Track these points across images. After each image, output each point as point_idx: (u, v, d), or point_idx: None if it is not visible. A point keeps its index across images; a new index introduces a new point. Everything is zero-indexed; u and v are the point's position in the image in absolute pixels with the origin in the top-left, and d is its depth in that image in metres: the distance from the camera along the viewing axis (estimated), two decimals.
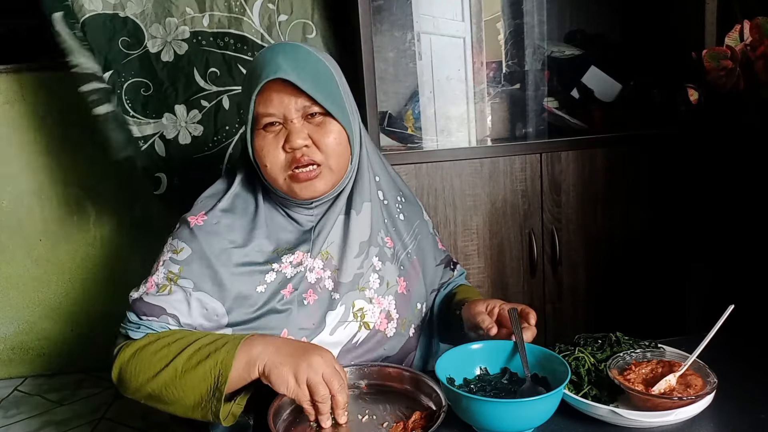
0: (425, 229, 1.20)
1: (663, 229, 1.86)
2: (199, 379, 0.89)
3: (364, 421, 0.91)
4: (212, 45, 1.94)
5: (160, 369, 0.91)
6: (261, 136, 0.99)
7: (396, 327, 1.09)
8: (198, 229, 1.00)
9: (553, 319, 1.88)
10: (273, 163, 0.99)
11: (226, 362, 0.88)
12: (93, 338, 2.60)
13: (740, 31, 1.33)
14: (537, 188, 1.79)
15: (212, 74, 1.94)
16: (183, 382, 0.90)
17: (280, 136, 0.98)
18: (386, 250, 1.10)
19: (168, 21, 1.91)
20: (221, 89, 1.96)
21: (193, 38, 1.93)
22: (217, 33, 1.93)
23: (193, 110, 1.97)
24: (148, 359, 0.93)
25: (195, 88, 1.96)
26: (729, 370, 0.92)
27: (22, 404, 2.41)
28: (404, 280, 1.11)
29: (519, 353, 0.94)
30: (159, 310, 0.96)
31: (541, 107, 1.84)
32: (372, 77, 1.66)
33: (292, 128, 0.97)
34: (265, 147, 0.99)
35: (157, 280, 0.99)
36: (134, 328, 0.97)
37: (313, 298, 1.03)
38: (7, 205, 2.50)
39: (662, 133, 1.82)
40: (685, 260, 1.88)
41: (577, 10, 2.12)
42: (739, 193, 1.70)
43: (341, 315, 1.05)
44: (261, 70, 0.97)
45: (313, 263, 1.04)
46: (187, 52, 1.94)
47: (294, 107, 0.97)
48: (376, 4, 1.77)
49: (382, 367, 1.00)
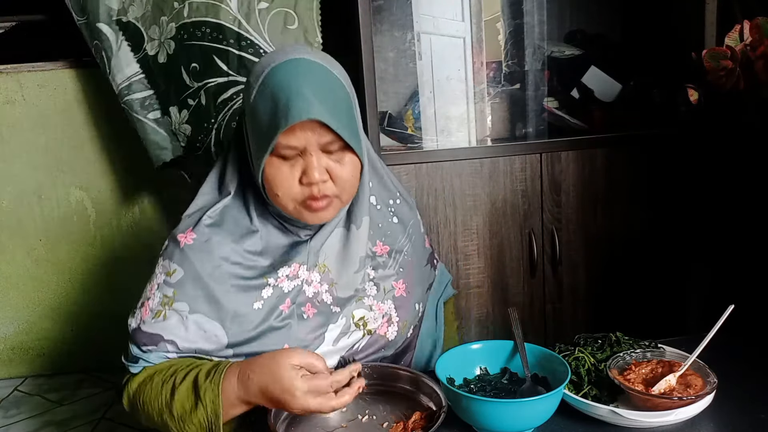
0: (418, 229, 1.19)
1: (663, 229, 1.86)
2: (198, 423, 0.91)
3: (364, 421, 0.91)
4: (192, 37, 1.83)
5: (162, 408, 0.94)
6: (275, 165, 0.93)
7: (397, 330, 1.09)
8: (189, 249, 0.98)
9: (553, 319, 1.88)
10: (285, 195, 0.94)
11: (215, 410, 0.90)
12: (93, 338, 2.60)
13: (740, 31, 1.33)
14: (537, 188, 1.79)
15: (193, 69, 1.85)
16: (184, 426, 0.93)
17: (296, 167, 0.93)
18: (378, 258, 1.08)
19: (161, 20, 1.85)
20: (200, 84, 1.86)
21: (178, 34, 1.84)
22: (195, 23, 1.81)
23: (183, 111, 1.91)
24: (150, 400, 0.95)
25: (183, 87, 1.89)
26: (729, 370, 0.92)
27: (22, 404, 2.41)
28: (403, 282, 1.10)
29: (519, 353, 0.94)
30: (157, 338, 0.96)
31: (541, 107, 1.84)
32: (372, 77, 1.66)
33: (310, 162, 0.92)
34: (278, 177, 0.94)
35: (152, 305, 0.98)
36: (132, 363, 0.99)
37: (312, 311, 1.02)
38: (7, 205, 2.50)
39: (662, 133, 1.82)
40: (685, 260, 1.88)
41: (577, 10, 2.12)
42: (739, 193, 1.70)
43: (342, 326, 1.04)
44: (287, 100, 0.89)
45: (309, 276, 1.02)
46: (175, 50, 1.86)
47: (317, 141, 0.92)
48: (376, 4, 1.77)
49: (382, 367, 1.00)
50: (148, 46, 1.89)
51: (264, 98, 0.92)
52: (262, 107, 0.92)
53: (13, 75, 2.40)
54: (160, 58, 1.88)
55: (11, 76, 2.40)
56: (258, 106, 0.92)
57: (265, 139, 0.91)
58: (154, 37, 1.88)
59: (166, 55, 1.87)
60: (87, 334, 2.62)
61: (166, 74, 1.90)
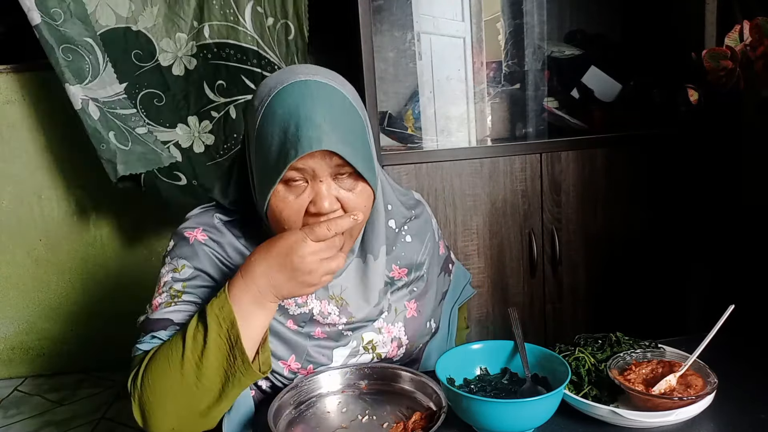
0: (433, 239, 1.13)
1: (663, 229, 1.86)
2: (213, 354, 0.82)
3: (364, 422, 0.91)
4: (216, 57, 2.03)
5: (174, 366, 0.84)
6: (281, 195, 0.86)
7: (405, 351, 1.06)
8: (198, 245, 0.94)
9: (553, 319, 1.88)
10: (292, 227, 0.87)
11: (226, 316, 0.82)
12: (93, 338, 2.60)
13: (740, 31, 1.33)
14: (537, 188, 1.79)
15: (220, 86, 2.05)
16: (200, 375, 0.83)
17: (304, 196, 0.86)
18: (396, 282, 1.05)
19: (178, 36, 2.00)
20: (228, 100, 2.06)
21: (200, 52, 2.02)
22: (218, 44, 2.02)
23: (204, 121, 2.08)
24: (160, 364, 0.85)
25: (205, 100, 2.06)
26: (729, 370, 0.92)
27: (22, 404, 2.40)
28: (415, 302, 1.07)
29: (519, 353, 0.94)
30: (167, 322, 0.91)
31: (541, 107, 1.84)
32: (372, 77, 1.66)
33: (319, 189, 0.85)
34: (285, 210, 0.86)
35: (160, 300, 0.93)
36: (147, 340, 0.91)
37: (321, 334, 0.99)
38: (7, 205, 2.50)
39: (662, 133, 1.82)
40: (685, 260, 1.88)
41: (577, 10, 2.12)
42: (739, 193, 1.70)
43: (351, 349, 1.02)
44: (297, 128, 0.82)
45: (325, 308, 0.98)
46: (197, 66, 2.03)
47: (328, 169, 0.85)
48: (376, 4, 1.77)
49: (382, 367, 1.00)
50: (160, 57, 2.02)
51: (270, 124, 0.84)
52: (269, 133, 0.84)
53: (13, 75, 2.40)
54: (175, 71, 2.03)
55: (11, 76, 2.40)
56: (264, 132, 0.85)
57: (272, 169, 0.84)
58: (168, 50, 2.01)
59: (183, 69, 2.03)
60: (87, 334, 2.62)
61: (182, 86, 2.05)
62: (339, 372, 0.99)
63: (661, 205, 1.85)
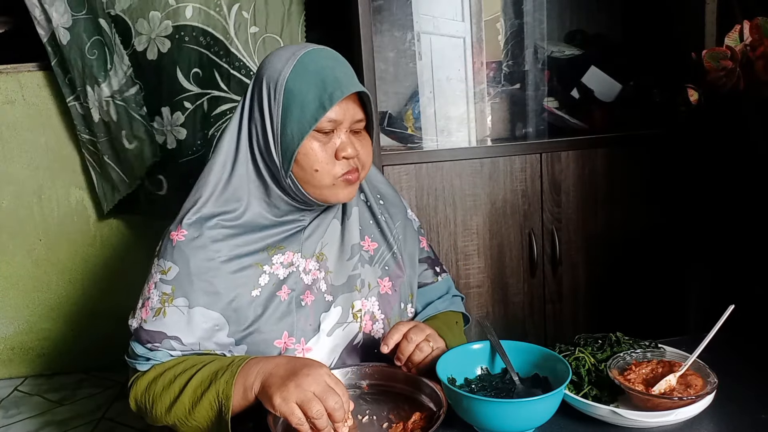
0: (410, 227, 1.20)
1: (663, 229, 1.86)
2: (206, 409, 0.91)
3: (364, 422, 0.91)
4: (194, 42, 1.81)
5: (171, 403, 0.93)
6: (314, 142, 0.98)
7: (383, 328, 1.09)
8: (182, 245, 0.98)
9: (553, 319, 1.88)
10: (324, 169, 0.99)
11: (226, 392, 0.89)
12: (93, 338, 2.60)
13: (740, 31, 1.33)
14: (537, 188, 1.79)
15: (195, 75, 1.84)
16: (194, 416, 0.92)
17: (330, 144, 0.99)
18: (364, 253, 1.11)
19: (151, 15, 1.79)
20: (203, 91, 1.87)
21: (176, 33, 1.80)
22: (197, 28, 1.81)
23: (176, 112, 1.89)
24: (159, 395, 0.95)
25: (178, 88, 1.86)
26: (729, 370, 0.92)
27: (22, 404, 2.40)
28: (389, 280, 1.12)
29: (504, 359, 0.94)
30: (160, 335, 0.97)
31: (541, 107, 1.84)
32: (372, 77, 1.66)
33: (346, 137, 1.00)
34: (319, 153, 0.98)
35: (151, 304, 0.99)
36: (142, 361, 0.99)
37: (310, 299, 1.04)
38: (7, 205, 2.50)
39: (662, 133, 1.82)
40: (685, 260, 1.88)
41: (577, 10, 2.12)
42: (739, 193, 1.70)
43: (339, 316, 1.05)
44: (334, 77, 0.97)
45: (306, 264, 1.04)
46: (170, 49, 1.82)
47: (351, 118, 0.99)
48: (376, 4, 1.77)
49: (382, 367, 1.00)
50: (135, 41, 1.84)
51: (303, 77, 0.97)
52: (303, 83, 0.97)
53: (13, 75, 2.40)
54: (149, 55, 1.85)
55: (11, 76, 2.40)
56: (297, 87, 0.97)
57: (311, 114, 0.95)
58: (142, 32, 1.82)
59: (156, 52, 1.83)
60: (87, 334, 2.62)
61: (156, 72, 1.85)
62: (339, 372, 0.99)
63: (661, 205, 1.85)
